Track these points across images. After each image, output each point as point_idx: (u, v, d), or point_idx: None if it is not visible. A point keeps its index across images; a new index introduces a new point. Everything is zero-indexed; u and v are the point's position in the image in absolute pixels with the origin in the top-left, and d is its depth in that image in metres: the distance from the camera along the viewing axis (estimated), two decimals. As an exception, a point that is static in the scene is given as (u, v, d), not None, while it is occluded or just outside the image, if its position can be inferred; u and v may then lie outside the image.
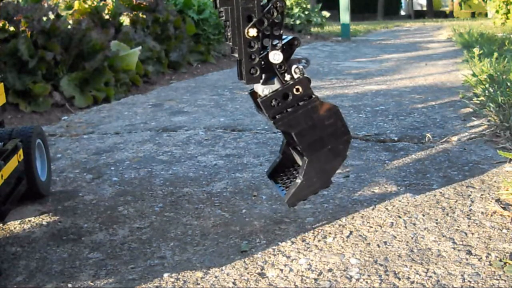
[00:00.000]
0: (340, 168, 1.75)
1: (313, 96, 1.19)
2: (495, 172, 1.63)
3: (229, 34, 1.21)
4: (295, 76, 1.18)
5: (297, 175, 1.26)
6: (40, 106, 3.06)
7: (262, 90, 1.21)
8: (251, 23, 1.17)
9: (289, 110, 1.18)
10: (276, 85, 1.20)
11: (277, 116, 1.18)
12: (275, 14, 1.18)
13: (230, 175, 1.75)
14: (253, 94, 1.34)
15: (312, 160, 1.20)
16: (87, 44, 3.44)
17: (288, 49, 1.21)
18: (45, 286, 1.09)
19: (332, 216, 1.37)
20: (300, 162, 1.28)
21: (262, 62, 1.20)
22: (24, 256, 1.23)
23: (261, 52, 1.20)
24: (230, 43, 1.22)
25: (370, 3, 26.93)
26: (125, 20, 4.22)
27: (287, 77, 1.19)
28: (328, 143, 1.21)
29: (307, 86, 1.19)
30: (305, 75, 1.19)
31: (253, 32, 1.18)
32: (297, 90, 1.18)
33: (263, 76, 1.21)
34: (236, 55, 1.21)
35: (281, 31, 1.19)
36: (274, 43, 1.18)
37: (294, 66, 1.19)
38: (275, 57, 1.18)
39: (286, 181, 1.32)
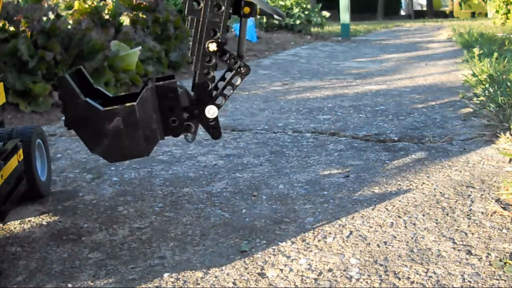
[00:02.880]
0: (340, 168, 1.76)
1: None
2: (495, 172, 1.63)
3: (190, 43, 1.19)
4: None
5: None
6: (40, 106, 3.06)
7: None
8: (214, 38, 1.16)
9: None
10: None
11: None
12: (237, 77, 1.20)
13: (230, 175, 1.75)
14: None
15: None
16: (87, 44, 3.44)
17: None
18: (45, 286, 1.09)
19: (332, 216, 1.37)
20: None
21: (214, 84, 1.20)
22: (24, 256, 1.23)
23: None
24: (190, 53, 1.20)
25: (370, 3, 26.92)
26: (125, 20, 4.22)
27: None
28: None
29: None
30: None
31: (213, 47, 1.17)
32: None
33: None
34: (193, 66, 1.20)
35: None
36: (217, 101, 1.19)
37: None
38: (211, 112, 1.20)
39: None
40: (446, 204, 1.40)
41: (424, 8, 32.24)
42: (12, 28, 3.06)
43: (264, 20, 8.45)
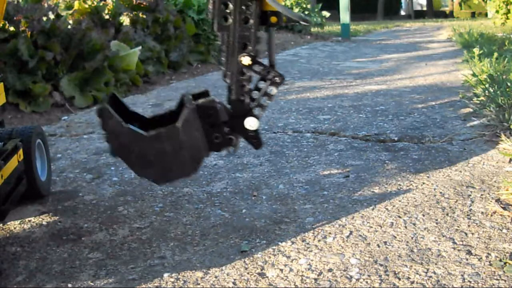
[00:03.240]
0: (340, 168, 1.76)
1: None
2: (495, 172, 1.63)
3: (223, 58, 1.20)
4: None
5: None
6: (40, 106, 3.06)
7: None
8: (246, 51, 1.17)
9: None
10: None
11: None
12: (272, 87, 1.20)
13: (230, 175, 1.75)
14: None
15: None
16: (87, 44, 3.44)
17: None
18: (45, 286, 1.09)
19: (332, 216, 1.37)
20: None
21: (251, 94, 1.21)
22: (24, 256, 1.23)
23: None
24: (223, 68, 1.21)
25: (370, 3, 26.92)
26: (125, 20, 4.22)
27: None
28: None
29: None
30: None
31: (246, 60, 1.18)
32: None
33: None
34: (228, 80, 1.21)
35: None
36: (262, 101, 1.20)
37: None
38: (251, 123, 1.20)
39: None
40: (446, 204, 1.40)
41: (424, 8, 32.24)
42: (12, 28, 3.07)
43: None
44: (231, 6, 1.16)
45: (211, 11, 1.21)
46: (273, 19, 1.19)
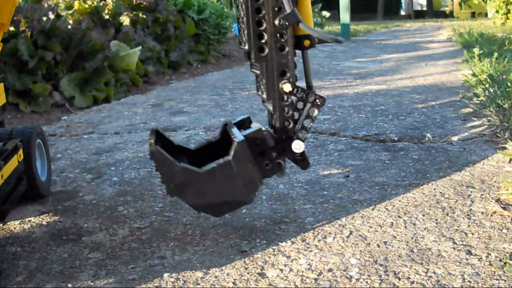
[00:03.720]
0: (340, 168, 1.76)
1: None
2: (495, 172, 1.63)
3: (263, 87, 1.24)
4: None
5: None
6: (40, 106, 3.06)
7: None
8: (285, 78, 1.21)
9: None
10: None
11: None
12: (314, 109, 1.24)
13: (230, 175, 1.74)
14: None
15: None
16: (87, 44, 3.44)
17: None
18: (45, 286, 1.09)
19: (332, 216, 1.37)
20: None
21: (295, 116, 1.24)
22: (24, 256, 1.23)
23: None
24: (264, 95, 1.25)
25: (370, 3, 26.93)
26: (125, 20, 4.22)
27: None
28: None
29: None
30: None
31: (287, 87, 1.21)
32: None
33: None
34: (270, 107, 1.24)
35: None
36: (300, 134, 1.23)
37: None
38: (297, 147, 1.23)
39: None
40: (446, 204, 1.40)
41: (424, 8, 32.24)
42: (12, 28, 3.07)
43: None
44: (266, 37, 1.19)
45: (243, 41, 1.25)
46: (307, 42, 1.22)
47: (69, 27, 3.44)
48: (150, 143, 1.22)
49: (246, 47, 1.21)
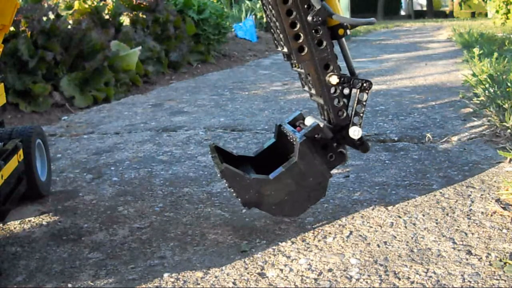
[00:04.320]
0: (340, 168, 1.76)
1: None
2: (495, 172, 1.63)
3: (310, 84, 1.26)
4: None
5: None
6: (40, 106, 3.06)
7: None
8: (330, 71, 1.23)
9: None
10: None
11: None
12: (362, 94, 1.25)
13: (230, 175, 1.74)
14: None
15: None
16: (87, 44, 3.44)
17: None
18: (45, 286, 1.09)
19: (332, 216, 1.37)
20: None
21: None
22: (24, 256, 1.23)
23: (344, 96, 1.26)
24: (312, 91, 1.27)
25: (370, 3, 26.91)
26: (125, 20, 4.22)
27: None
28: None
29: None
30: None
31: (334, 80, 1.23)
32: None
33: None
34: (320, 100, 1.26)
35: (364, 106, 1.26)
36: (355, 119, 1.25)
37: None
38: (355, 133, 1.25)
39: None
40: (446, 204, 1.40)
41: (424, 8, 32.22)
42: (12, 28, 3.06)
43: (264, 20, 8.45)
44: (303, 36, 1.21)
45: (281, 44, 1.27)
46: (341, 31, 1.25)
47: (69, 27, 3.44)
48: (216, 163, 1.26)
49: (286, 50, 1.24)
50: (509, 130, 2.01)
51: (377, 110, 2.68)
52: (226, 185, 1.23)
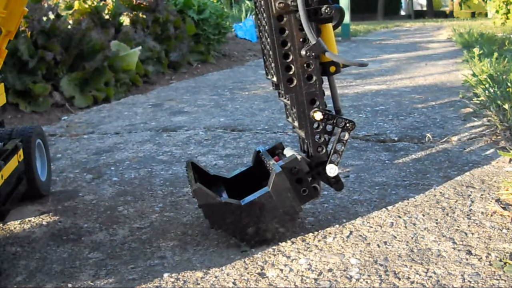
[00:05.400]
0: (340, 168, 1.76)
1: None
2: (495, 172, 1.63)
3: (294, 116, 1.27)
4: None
5: None
6: (40, 106, 3.06)
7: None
8: (315, 106, 1.24)
9: None
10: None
11: None
12: (345, 133, 1.25)
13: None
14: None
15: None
16: (87, 44, 3.44)
17: None
18: (45, 286, 1.09)
19: (332, 216, 1.37)
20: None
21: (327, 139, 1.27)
22: (24, 256, 1.23)
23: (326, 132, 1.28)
24: (295, 123, 1.28)
25: (370, 3, 26.92)
26: (125, 20, 4.22)
27: None
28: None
29: None
30: None
31: (318, 116, 1.24)
32: None
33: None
34: (302, 134, 1.27)
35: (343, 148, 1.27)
36: (334, 159, 1.25)
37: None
38: (331, 170, 1.25)
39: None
40: (446, 204, 1.40)
41: (424, 8, 32.23)
42: (12, 28, 3.06)
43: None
44: (294, 68, 1.22)
45: (271, 73, 1.28)
46: (332, 68, 1.25)
47: (69, 27, 3.44)
48: (190, 180, 1.27)
49: (275, 79, 1.24)
50: (509, 130, 2.01)
51: (377, 110, 2.68)
52: (196, 205, 1.23)
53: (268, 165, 1.29)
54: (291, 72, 1.22)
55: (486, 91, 2.63)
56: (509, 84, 2.57)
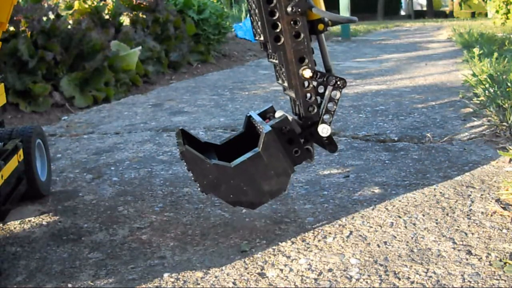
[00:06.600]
0: (340, 168, 1.76)
1: None
2: (495, 172, 1.63)
3: (283, 76, 1.25)
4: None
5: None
6: (40, 106, 3.06)
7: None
8: (304, 64, 1.21)
9: None
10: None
11: None
12: (336, 91, 1.23)
13: (230, 175, 1.74)
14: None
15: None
16: (87, 44, 3.44)
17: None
18: (45, 286, 1.09)
19: (332, 216, 1.37)
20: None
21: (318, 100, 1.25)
22: (24, 256, 1.23)
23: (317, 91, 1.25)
24: (285, 84, 1.25)
25: (370, 3, 26.90)
26: (125, 20, 4.22)
27: None
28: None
29: None
30: None
31: (307, 73, 1.21)
32: None
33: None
34: (292, 94, 1.24)
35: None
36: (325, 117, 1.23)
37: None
38: (324, 130, 1.23)
39: None
40: (446, 204, 1.40)
41: (424, 8, 32.22)
42: (12, 28, 3.07)
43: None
44: (280, 26, 1.20)
45: (258, 32, 1.26)
46: (321, 26, 1.23)
47: (69, 27, 3.44)
48: (178, 143, 1.23)
49: (262, 38, 1.22)
50: (509, 130, 2.01)
51: (377, 110, 2.68)
52: (185, 167, 1.20)
53: (259, 127, 1.26)
54: (277, 30, 1.20)
55: (486, 91, 2.63)
56: (509, 84, 2.57)
